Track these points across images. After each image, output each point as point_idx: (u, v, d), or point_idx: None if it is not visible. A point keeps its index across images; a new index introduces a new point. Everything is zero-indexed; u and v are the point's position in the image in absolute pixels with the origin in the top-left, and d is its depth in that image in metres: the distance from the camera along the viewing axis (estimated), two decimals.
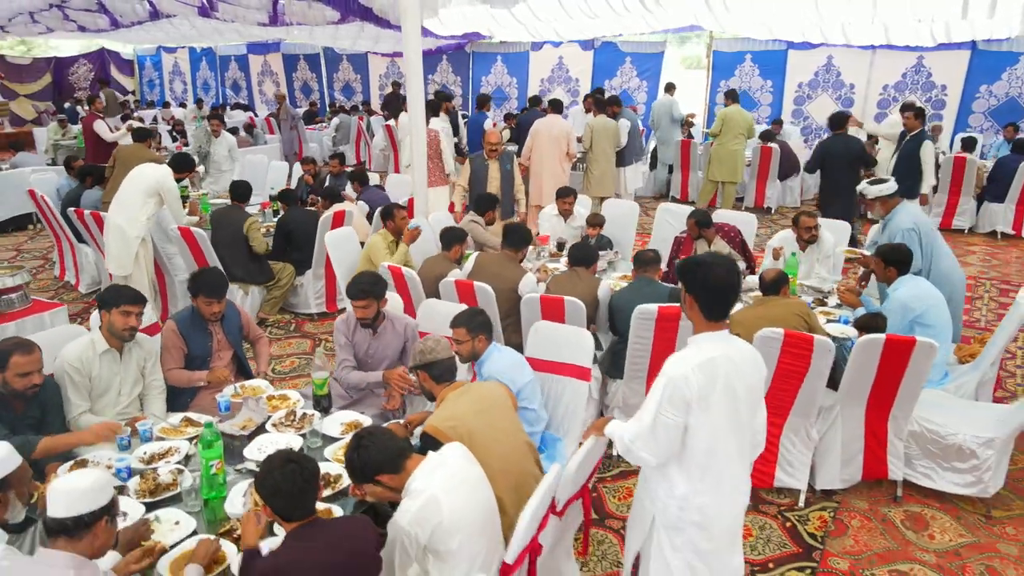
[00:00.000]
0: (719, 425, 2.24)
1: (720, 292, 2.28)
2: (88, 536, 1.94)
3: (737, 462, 2.34)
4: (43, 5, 14.30)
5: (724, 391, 2.21)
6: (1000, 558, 3.35)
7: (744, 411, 2.29)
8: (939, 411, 3.77)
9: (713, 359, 2.23)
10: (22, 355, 2.78)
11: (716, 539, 2.32)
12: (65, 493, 1.93)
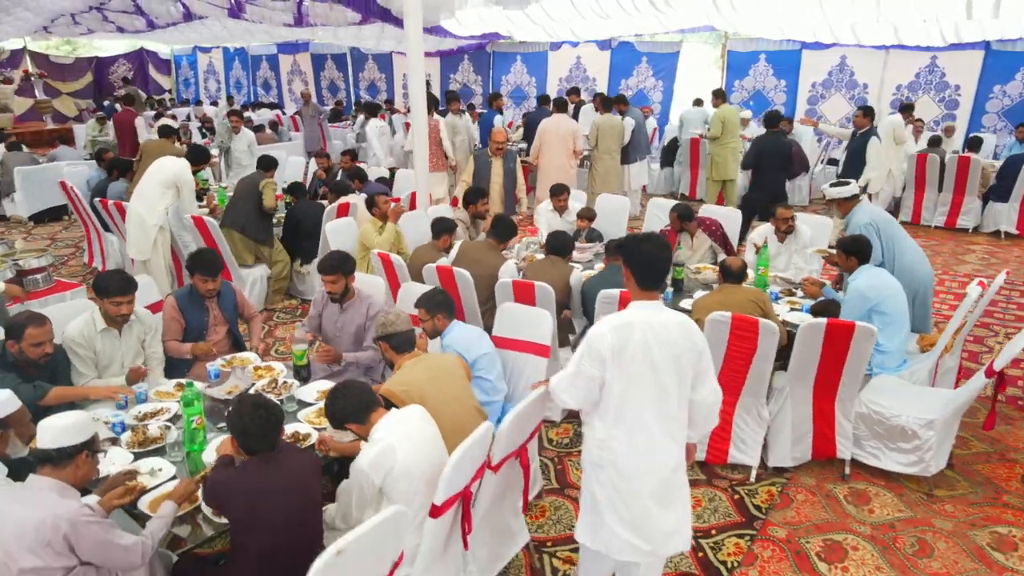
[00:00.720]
0: (633, 382, 2.48)
1: (650, 265, 2.55)
2: (71, 466, 2.27)
3: (656, 424, 2.54)
4: (83, 7, 14.91)
5: (638, 352, 2.46)
6: (933, 532, 3.55)
7: (666, 377, 2.50)
8: (887, 395, 3.96)
9: (631, 323, 2.49)
10: (35, 327, 3.15)
11: (633, 485, 2.55)
12: (51, 429, 2.27)
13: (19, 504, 2.18)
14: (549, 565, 3.34)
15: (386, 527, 2.11)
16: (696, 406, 2.59)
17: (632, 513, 2.58)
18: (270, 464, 2.39)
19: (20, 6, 14.32)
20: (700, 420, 2.63)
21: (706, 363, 2.58)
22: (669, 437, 2.59)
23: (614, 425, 2.54)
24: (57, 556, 2.12)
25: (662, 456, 2.59)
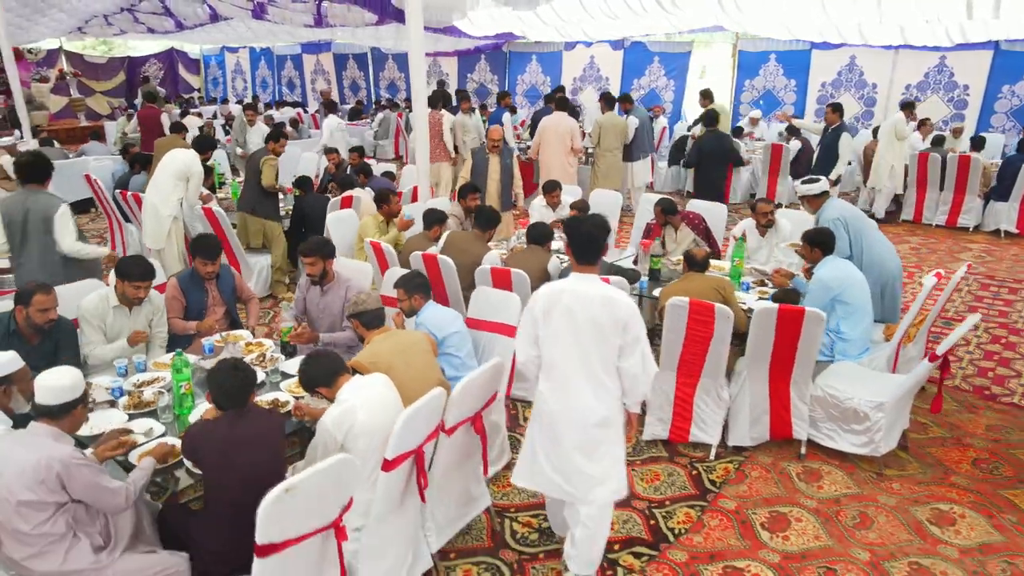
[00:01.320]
0: (558, 342, 2.91)
1: (585, 243, 2.93)
2: (67, 418, 2.59)
3: (581, 381, 2.90)
4: (115, 8, 15.45)
5: (563, 315, 2.87)
6: (876, 507, 3.75)
7: (587, 339, 2.86)
8: (843, 379, 4.15)
9: (562, 289, 2.90)
10: (43, 294, 3.49)
11: (559, 433, 2.96)
12: (51, 388, 2.58)
13: (20, 447, 2.50)
14: (509, 528, 3.61)
15: (333, 471, 2.40)
16: (623, 373, 2.91)
17: (559, 458, 2.98)
18: (240, 420, 2.69)
19: (55, 7, 14.91)
20: (628, 387, 2.94)
21: (632, 337, 2.84)
22: (592, 395, 2.92)
23: (546, 379, 2.96)
24: (51, 492, 2.44)
25: (584, 411, 2.93)
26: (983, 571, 3.28)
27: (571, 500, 3.01)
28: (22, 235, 4.76)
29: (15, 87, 11.28)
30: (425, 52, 16.97)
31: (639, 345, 2.88)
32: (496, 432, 3.96)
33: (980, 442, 4.37)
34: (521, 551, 3.45)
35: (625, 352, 2.89)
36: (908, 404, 4.12)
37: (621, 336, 2.86)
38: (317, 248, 4.07)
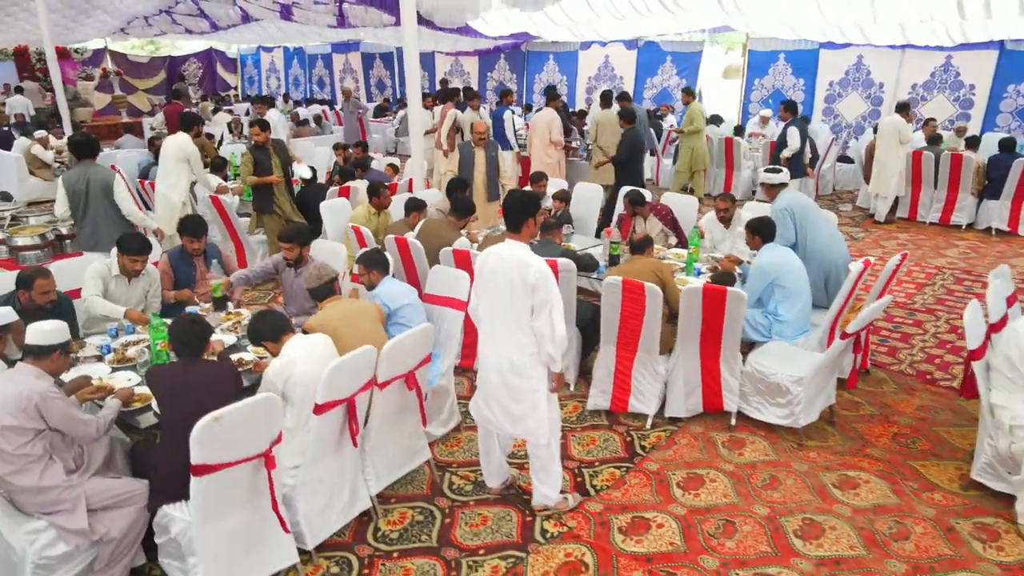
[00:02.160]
0: (485, 296, 3.46)
1: (510, 212, 3.42)
2: (48, 359, 3.07)
3: (501, 331, 3.41)
4: (154, 10, 16.21)
5: (490, 274, 3.39)
6: (788, 471, 4.06)
7: (505, 297, 3.32)
8: (772, 357, 4.46)
9: (492, 252, 3.42)
10: (43, 279, 3.97)
11: (486, 372, 3.52)
12: (37, 331, 3.06)
13: (7, 382, 2.98)
14: (448, 480, 4.01)
15: (258, 407, 2.84)
16: (534, 331, 3.32)
17: (487, 393, 3.53)
18: (193, 366, 3.14)
19: (99, 9, 15.75)
20: (538, 343, 3.33)
21: (540, 299, 3.23)
22: (508, 346, 3.40)
23: (480, 328, 3.51)
24: (30, 419, 2.91)
25: (502, 358, 3.43)
26: (869, 528, 3.58)
27: (493, 428, 3.61)
28: (84, 204, 5.57)
29: (56, 84, 12.00)
30: (447, 51, 17.53)
31: (547, 307, 3.26)
32: (445, 396, 4.39)
33: (906, 420, 4.63)
34: (454, 499, 3.85)
35: (535, 312, 3.28)
36: (829, 381, 4.41)
37: (531, 297, 3.26)
38: (295, 235, 4.51)
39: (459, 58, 16.86)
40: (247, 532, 3.04)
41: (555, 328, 3.28)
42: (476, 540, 3.53)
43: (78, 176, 5.55)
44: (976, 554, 3.40)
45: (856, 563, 3.34)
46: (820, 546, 3.45)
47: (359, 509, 3.60)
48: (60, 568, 2.99)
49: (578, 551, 3.43)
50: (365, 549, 3.47)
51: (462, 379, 5.15)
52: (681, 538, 3.52)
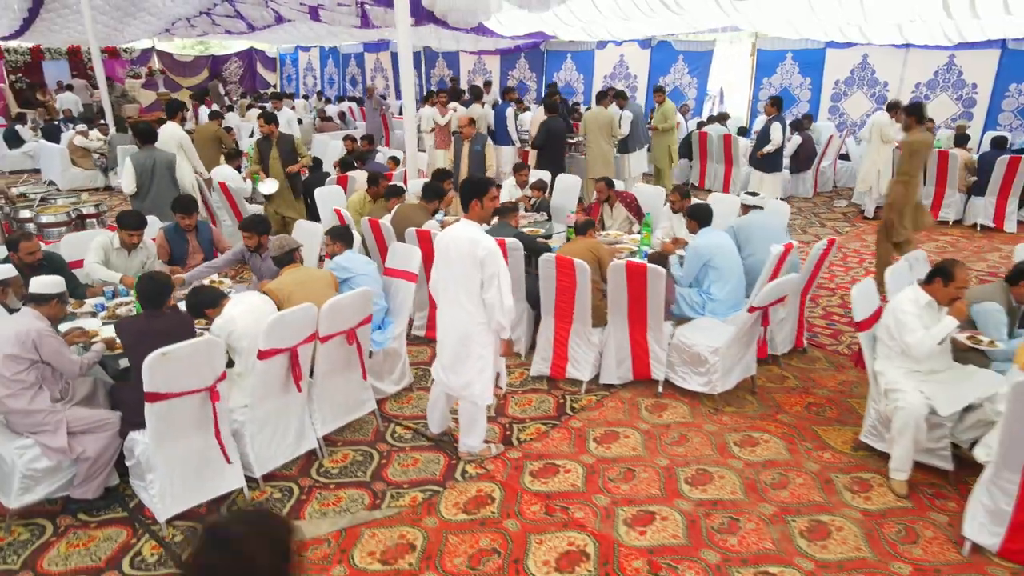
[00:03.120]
0: (442, 269, 3.89)
1: (462, 197, 3.87)
2: (47, 306, 3.68)
3: (454, 302, 3.86)
4: (194, 12, 17.10)
5: (445, 250, 3.85)
6: (697, 431, 4.48)
7: (458, 271, 3.78)
8: (696, 331, 4.87)
9: (448, 231, 3.89)
10: (26, 241, 4.58)
11: (441, 337, 3.99)
12: (38, 282, 3.68)
13: (12, 321, 3.61)
14: (392, 430, 4.54)
15: (199, 347, 3.41)
16: (485, 303, 3.78)
17: (442, 357, 4.02)
18: (156, 318, 3.72)
19: (144, 11, 16.69)
20: (488, 313, 3.80)
21: (489, 273, 3.69)
22: (460, 316, 3.87)
23: (439, 299, 3.99)
24: (27, 351, 3.51)
25: (452, 326, 3.92)
26: (754, 478, 3.99)
27: (448, 392, 4.11)
28: (150, 180, 6.70)
29: (101, 82, 12.88)
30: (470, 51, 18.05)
31: (495, 280, 3.72)
32: (397, 357, 4.92)
33: (824, 392, 5.00)
34: (393, 445, 4.38)
35: (485, 285, 3.75)
36: (745, 352, 4.81)
37: (480, 271, 3.73)
38: (253, 226, 5.03)
39: (482, 57, 17.41)
40: (198, 457, 3.62)
41: (503, 299, 3.73)
42: (404, 477, 4.04)
43: (146, 157, 6.75)
44: (844, 502, 3.79)
45: (732, 504, 3.76)
46: (704, 491, 3.88)
47: (305, 448, 4.15)
48: (45, 480, 3.60)
49: (488, 488, 3.93)
50: (307, 481, 4.02)
51: (426, 348, 5.67)
52: (583, 481, 3.98)
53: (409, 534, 3.57)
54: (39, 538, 3.57)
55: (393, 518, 3.69)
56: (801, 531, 3.57)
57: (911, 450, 3.80)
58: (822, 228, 9.34)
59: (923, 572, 3.28)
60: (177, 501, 3.59)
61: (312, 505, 3.80)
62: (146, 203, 6.55)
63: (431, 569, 3.32)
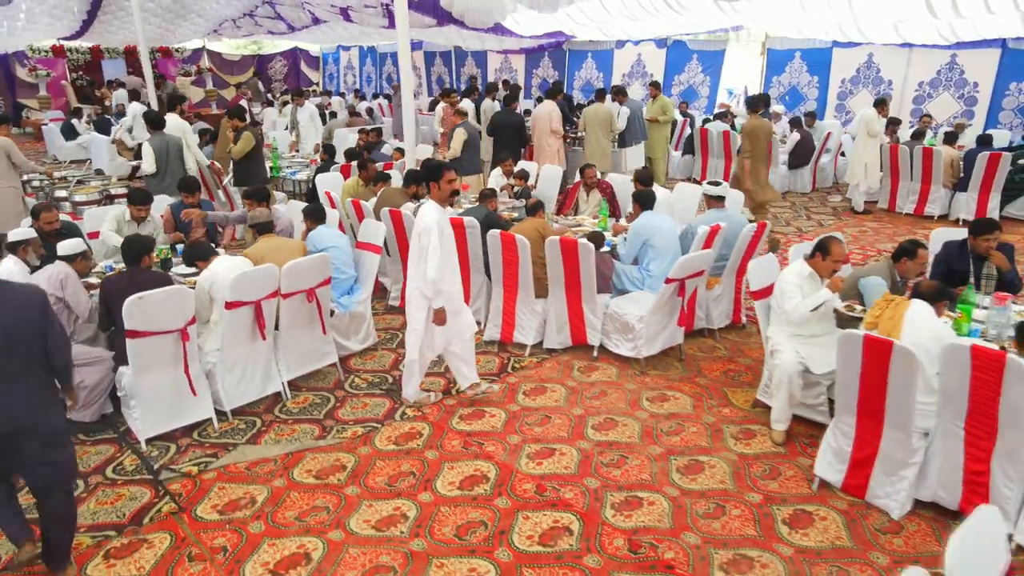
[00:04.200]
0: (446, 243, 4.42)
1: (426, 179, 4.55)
2: (74, 263, 4.47)
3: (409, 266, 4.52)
4: (238, 14, 18.14)
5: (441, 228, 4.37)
6: (617, 389, 5.03)
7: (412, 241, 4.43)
8: (628, 302, 5.41)
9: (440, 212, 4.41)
10: (47, 212, 5.41)
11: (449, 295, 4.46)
12: (64, 246, 4.47)
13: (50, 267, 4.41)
14: (351, 381, 5.20)
15: (171, 293, 4.13)
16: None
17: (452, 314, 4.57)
18: (138, 275, 4.43)
19: (193, 13, 17.80)
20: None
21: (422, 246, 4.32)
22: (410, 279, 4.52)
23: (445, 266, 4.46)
24: (55, 289, 4.29)
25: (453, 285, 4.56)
26: (654, 427, 4.53)
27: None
28: (166, 160, 7.59)
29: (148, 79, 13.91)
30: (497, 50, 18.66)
31: (425, 253, 4.34)
32: (363, 319, 5.59)
33: (747, 361, 5.48)
34: (349, 392, 5.04)
35: (422, 255, 4.39)
36: (669, 321, 5.32)
37: (418, 242, 4.38)
38: (253, 194, 5.79)
39: (508, 56, 18.04)
40: (173, 389, 4.34)
41: (428, 271, 4.33)
42: (351, 416, 4.71)
43: (160, 140, 7.69)
44: (726, 447, 4.31)
45: (626, 446, 4.32)
46: (606, 435, 4.44)
47: (271, 390, 4.85)
48: None
49: (420, 426, 4.56)
50: (269, 416, 4.72)
51: (399, 316, 6.34)
52: (503, 424, 4.58)
53: (344, 458, 4.23)
54: None
55: (333, 446, 4.36)
56: (679, 468, 4.11)
57: (787, 403, 4.29)
58: (807, 222, 9.69)
59: (772, 500, 3.80)
60: (155, 425, 4.33)
61: (269, 435, 4.49)
62: (165, 182, 7.38)
63: (355, 484, 3.97)
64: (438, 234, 4.34)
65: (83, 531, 3.58)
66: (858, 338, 3.51)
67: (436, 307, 4.48)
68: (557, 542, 3.49)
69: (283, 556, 3.42)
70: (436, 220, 4.36)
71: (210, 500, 3.84)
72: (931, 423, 3.57)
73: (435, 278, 4.34)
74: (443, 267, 4.38)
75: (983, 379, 3.25)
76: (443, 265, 4.38)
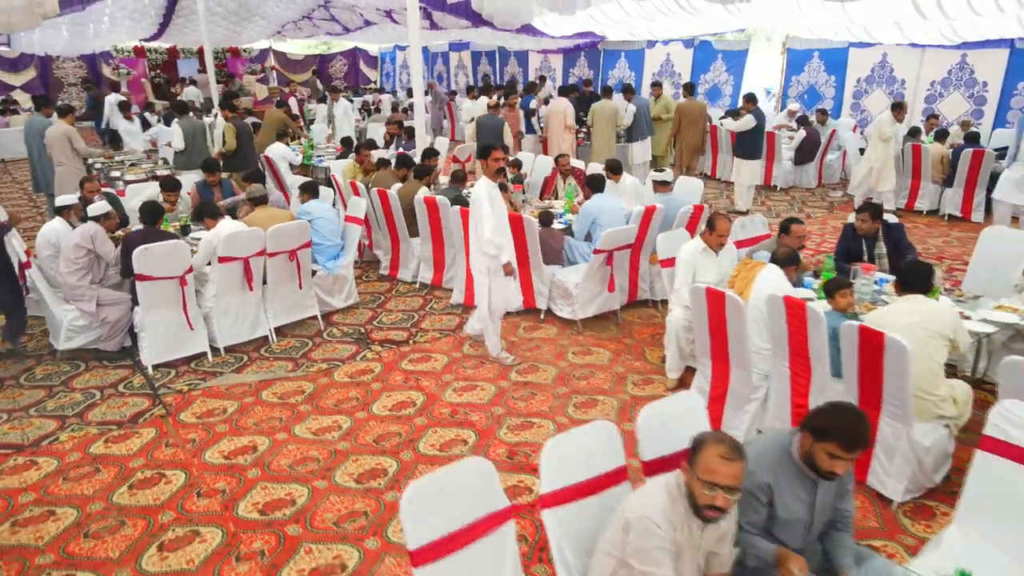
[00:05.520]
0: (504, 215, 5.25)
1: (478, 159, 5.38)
2: (103, 222, 5.55)
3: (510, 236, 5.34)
4: (298, 16, 19.46)
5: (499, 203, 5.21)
6: (551, 345, 5.80)
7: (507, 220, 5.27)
8: (572, 273, 6.17)
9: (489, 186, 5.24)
10: (90, 183, 6.52)
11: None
12: (93, 208, 5.56)
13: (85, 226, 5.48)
14: (329, 331, 6.14)
15: (172, 246, 5.14)
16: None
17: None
18: (151, 233, 5.48)
19: (257, 15, 19.23)
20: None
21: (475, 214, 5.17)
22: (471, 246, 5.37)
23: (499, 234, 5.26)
24: (87, 243, 5.34)
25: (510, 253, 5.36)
26: (568, 373, 5.29)
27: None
28: (192, 140, 8.89)
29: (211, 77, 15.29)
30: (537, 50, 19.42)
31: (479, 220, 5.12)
32: (345, 281, 6.53)
33: None
34: (325, 340, 5.99)
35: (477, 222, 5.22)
36: (602, 288, 6.05)
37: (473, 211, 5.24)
38: (253, 175, 6.82)
39: (547, 56, 18.82)
40: (175, 325, 5.37)
41: (484, 233, 5.11)
42: (321, 356, 5.65)
43: (188, 123, 9.07)
44: (624, 390, 5.05)
45: (538, 387, 5.10)
46: (525, 377, 5.24)
47: (260, 333, 5.84)
48: (81, 334, 5.48)
49: (374, 366, 5.46)
50: (255, 355, 5.70)
51: (386, 283, 7.27)
52: (443, 367, 5.44)
53: (305, 386, 5.17)
54: (75, 371, 5.45)
55: (299, 376, 5.30)
56: (576, 404, 4.88)
57: (678, 355, 4.99)
58: (798, 214, 10.16)
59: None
60: (160, 354, 5.37)
61: (251, 368, 5.47)
62: (192, 158, 8.66)
63: (308, 404, 4.90)
64: (488, 203, 5.09)
65: (94, 425, 4.62)
66: (702, 291, 4.21)
67: (504, 261, 5.18)
68: (452, 449, 4.32)
69: (236, 447, 4.37)
70: (485, 192, 5.11)
71: (192, 410, 4.84)
72: (769, 366, 4.24)
73: (491, 237, 5.07)
74: (497, 229, 5.12)
75: (795, 325, 3.92)
76: (497, 227, 5.12)
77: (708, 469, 2.16)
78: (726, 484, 2.14)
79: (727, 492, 2.15)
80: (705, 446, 2.20)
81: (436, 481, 2.32)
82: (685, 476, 2.24)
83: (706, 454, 2.18)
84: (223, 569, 3.37)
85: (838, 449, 2.29)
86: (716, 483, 2.14)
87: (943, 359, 3.68)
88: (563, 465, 2.54)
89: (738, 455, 2.18)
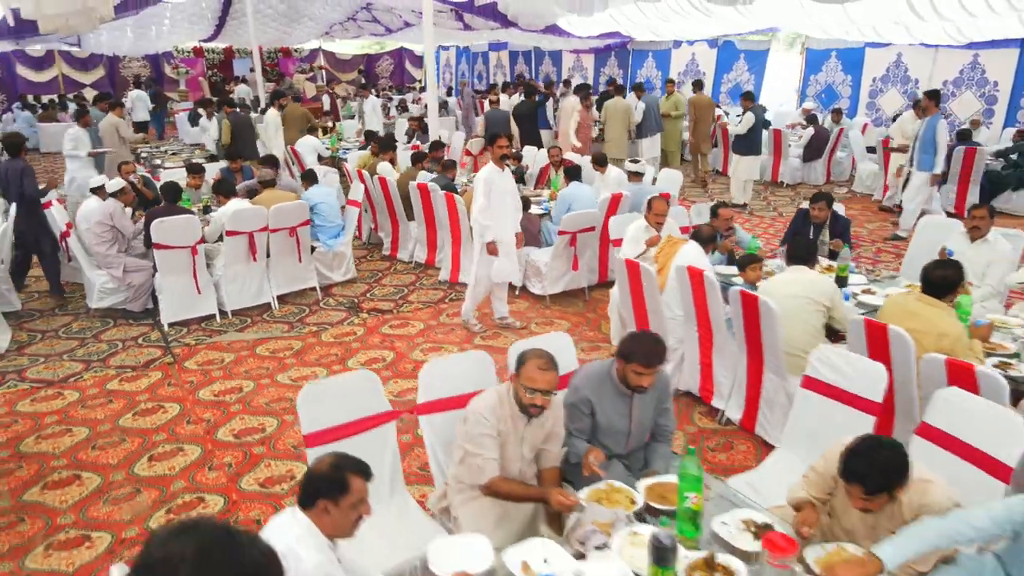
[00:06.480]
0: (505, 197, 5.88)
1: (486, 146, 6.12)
2: (119, 199, 6.43)
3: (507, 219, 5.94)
4: (343, 17, 20.44)
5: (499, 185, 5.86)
6: (519, 316, 6.41)
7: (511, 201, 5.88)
8: (544, 253, 6.78)
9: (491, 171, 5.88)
10: (126, 165, 7.43)
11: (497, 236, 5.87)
12: (110, 184, 6.44)
13: (107, 202, 6.36)
14: (326, 300, 6.90)
15: (184, 220, 5.97)
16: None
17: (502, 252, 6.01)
18: (170, 208, 6.30)
19: (305, 17, 20.29)
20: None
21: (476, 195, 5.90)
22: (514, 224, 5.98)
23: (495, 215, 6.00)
24: (107, 219, 6.23)
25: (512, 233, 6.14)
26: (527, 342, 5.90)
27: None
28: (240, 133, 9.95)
29: (258, 76, 16.32)
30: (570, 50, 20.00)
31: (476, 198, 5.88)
32: (344, 257, 7.28)
33: None
34: (322, 308, 6.74)
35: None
36: (566, 268, 6.63)
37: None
38: (265, 161, 7.63)
39: (580, 56, 19.38)
40: (186, 288, 6.20)
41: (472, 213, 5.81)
42: (315, 321, 6.40)
43: (236, 118, 10.10)
44: None
45: (496, 350, 5.73)
46: (487, 341, 5.88)
47: (263, 300, 6.63)
48: (111, 295, 6.37)
49: (358, 330, 6.19)
50: (258, 319, 6.49)
51: (386, 262, 8.00)
52: (416, 332, 6.13)
53: (295, 344, 5.93)
54: (104, 326, 6.33)
55: (292, 336, 6.07)
56: None
57: (620, 325, 5.56)
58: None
59: None
60: (175, 313, 6.21)
61: (252, 328, 6.27)
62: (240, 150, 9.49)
63: (294, 358, 5.65)
64: (485, 187, 5.62)
65: (113, 368, 5.47)
66: (623, 263, 4.79)
67: (485, 240, 5.74)
68: (405, 396, 5.01)
69: (226, 388, 5.15)
70: (485, 176, 5.67)
71: (195, 359, 5.65)
72: (683, 331, 4.79)
73: (477, 218, 5.66)
74: (487, 211, 5.63)
75: (697, 291, 4.46)
76: (487, 209, 5.63)
77: (529, 377, 2.77)
78: (543, 388, 2.75)
79: (543, 394, 2.76)
80: (528, 359, 2.81)
81: (330, 384, 3.00)
82: (513, 383, 2.85)
83: (528, 366, 2.79)
84: (197, 475, 4.12)
85: (640, 367, 2.88)
86: (536, 388, 2.75)
87: (820, 323, 4.18)
88: (438, 382, 3.19)
89: (552, 366, 2.78)
